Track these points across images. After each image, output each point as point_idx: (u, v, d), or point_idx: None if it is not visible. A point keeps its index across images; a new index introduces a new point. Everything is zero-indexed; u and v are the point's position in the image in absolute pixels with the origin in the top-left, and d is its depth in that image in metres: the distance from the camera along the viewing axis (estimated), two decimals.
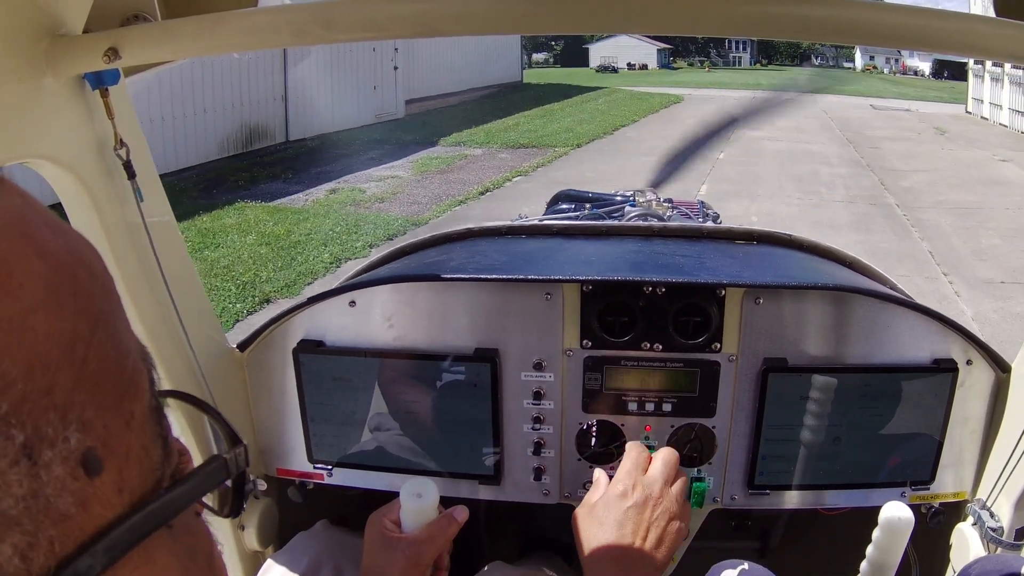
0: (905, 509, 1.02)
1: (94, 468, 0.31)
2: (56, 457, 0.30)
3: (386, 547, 0.99)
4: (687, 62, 68.57)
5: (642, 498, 1.00)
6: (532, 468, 1.26)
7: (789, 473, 1.22)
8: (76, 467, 0.31)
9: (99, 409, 0.32)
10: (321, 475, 1.31)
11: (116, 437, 0.33)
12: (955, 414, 1.19)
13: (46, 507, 0.29)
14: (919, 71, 60.40)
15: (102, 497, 0.32)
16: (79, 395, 0.31)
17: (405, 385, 1.24)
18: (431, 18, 0.77)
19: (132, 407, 0.34)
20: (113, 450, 0.33)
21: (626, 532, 0.98)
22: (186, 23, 0.85)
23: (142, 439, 0.35)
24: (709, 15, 0.73)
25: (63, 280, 0.31)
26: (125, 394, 0.34)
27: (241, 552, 1.33)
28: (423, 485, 1.01)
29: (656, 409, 1.22)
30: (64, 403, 0.30)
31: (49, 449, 0.29)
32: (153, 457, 0.36)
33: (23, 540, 0.29)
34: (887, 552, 1.04)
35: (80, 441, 0.31)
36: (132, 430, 0.34)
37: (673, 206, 2.16)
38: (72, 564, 0.30)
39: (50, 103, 0.86)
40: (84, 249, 0.34)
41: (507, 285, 1.19)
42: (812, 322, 1.17)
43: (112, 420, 0.33)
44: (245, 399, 1.30)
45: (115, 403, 0.33)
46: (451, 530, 1.00)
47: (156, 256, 1.04)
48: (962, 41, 0.73)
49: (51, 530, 0.30)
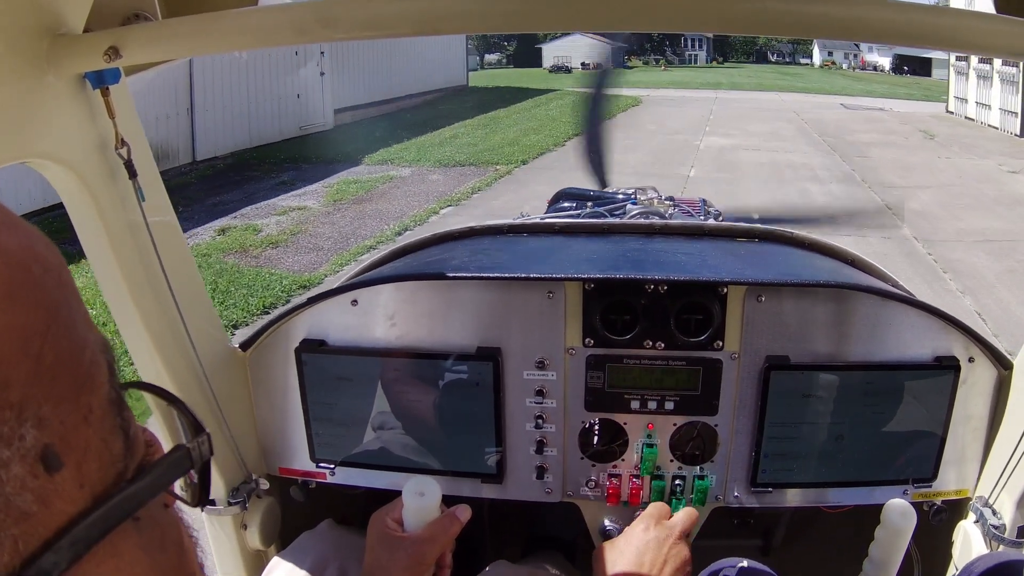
0: (908, 507, 1.02)
1: (53, 464, 0.31)
2: (14, 456, 0.30)
3: (389, 546, 0.99)
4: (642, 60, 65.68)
5: (663, 535, 1.09)
6: (534, 467, 1.26)
7: (791, 471, 1.22)
8: (35, 464, 0.30)
9: (56, 404, 0.32)
10: (323, 474, 1.31)
11: (74, 432, 0.33)
12: (957, 411, 1.19)
13: (6, 506, 0.29)
14: (879, 66, 57.88)
15: (63, 493, 0.32)
16: (35, 390, 0.31)
17: (407, 384, 1.24)
18: (432, 16, 0.77)
19: (90, 400, 0.34)
20: (72, 445, 0.32)
21: (645, 560, 1.05)
22: (186, 22, 0.85)
23: (101, 432, 0.34)
24: (709, 12, 0.73)
25: (16, 275, 0.31)
26: (83, 387, 0.34)
27: (244, 551, 1.33)
28: (426, 484, 1.01)
29: (658, 407, 1.22)
30: (20, 400, 0.30)
31: (6, 448, 0.29)
32: (114, 450, 0.35)
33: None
34: (889, 550, 1.04)
35: (37, 438, 0.30)
36: (90, 424, 0.34)
37: (675, 204, 2.16)
38: (36, 562, 0.30)
39: (51, 102, 0.86)
40: (37, 243, 0.34)
41: (509, 284, 1.19)
42: (814, 320, 1.17)
43: (70, 415, 0.32)
44: (247, 399, 1.30)
45: (72, 397, 0.33)
46: (453, 529, 1.00)
47: (158, 255, 1.04)
48: (962, 38, 0.73)
49: (13, 529, 0.30)
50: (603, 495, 1.26)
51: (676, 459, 1.25)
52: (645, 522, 1.12)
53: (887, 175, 11.34)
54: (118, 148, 0.95)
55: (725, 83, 35.52)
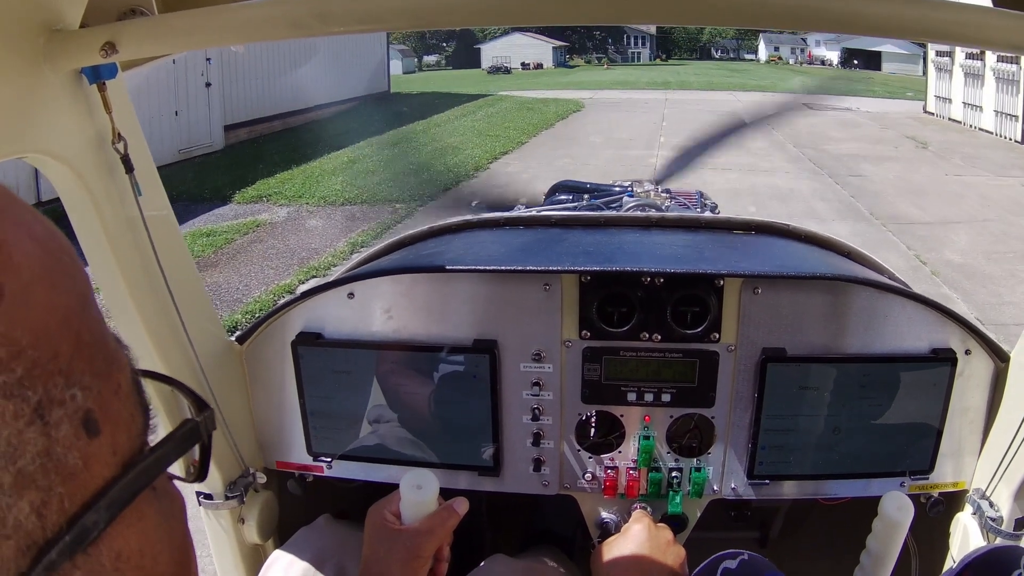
0: (905, 499, 1.03)
1: (93, 429, 0.34)
2: (64, 417, 0.33)
3: (386, 539, 0.99)
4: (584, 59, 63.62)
5: (662, 534, 1.13)
6: (531, 459, 1.27)
7: (788, 463, 1.23)
8: (79, 428, 0.33)
9: (94, 376, 0.35)
10: (320, 468, 1.31)
11: (108, 403, 0.36)
12: (954, 404, 1.19)
13: (57, 464, 0.32)
14: (827, 60, 55.95)
15: (100, 457, 0.35)
16: (77, 363, 0.34)
17: (404, 377, 1.25)
18: (428, 10, 0.78)
19: (119, 378, 0.37)
20: (107, 414, 0.35)
21: (645, 559, 1.09)
22: (182, 17, 0.85)
23: (128, 406, 0.38)
24: (705, 5, 0.74)
25: (53, 262, 0.34)
26: (112, 365, 0.37)
27: (241, 545, 1.34)
28: (423, 477, 1.01)
29: (655, 399, 1.22)
30: (67, 368, 0.33)
31: (58, 408, 0.32)
32: (138, 423, 0.39)
33: (39, 497, 0.31)
34: (887, 542, 1.04)
35: (82, 402, 0.34)
36: (120, 398, 0.37)
37: (671, 196, 2.17)
38: (80, 520, 0.33)
39: (48, 98, 0.86)
40: (61, 237, 0.37)
41: (506, 276, 1.19)
42: (811, 312, 1.17)
43: (104, 387, 0.36)
44: (244, 392, 1.30)
45: (106, 372, 0.36)
46: (451, 522, 1.01)
47: (155, 250, 1.04)
48: (960, 31, 0.73)
49: (60, 487, 0.32)
50: (600, 487, 1.27)
51: (673, 451, 1.25)
52: (643, 521, 1.14)
53: (898, 204, 8.91)
54: (115, 143, 0.95)
55: (674, 82, 33.46)
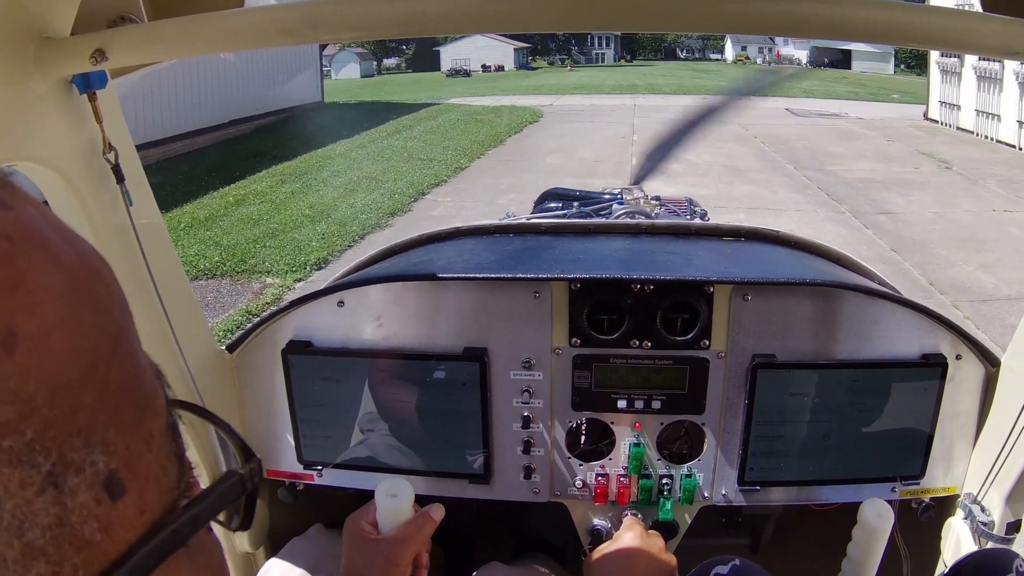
0: (885, 506, 1.03)
1: (117, 491, 0.30)
2: (81, 483, 0.29)
3: (364, 548, 0.99)
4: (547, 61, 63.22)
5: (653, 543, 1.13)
6: (522, 467, 1.27)
7: (779, 469, 1.23)
8: (100, 491, 0.30)
9: (120, 430, 0.31)
10: (311, 476, 1.30)
11: (137, 458, 0.32)
12: (945, 409, 1.20)
13: (71, 535, 0.28)
14: (795, 59, 55.44)
15: (124, 520, 0.31)
16: (102, 416, 0.30)
17: (394, 385, 1.24)
18: (420, 18, 0.78)
19: (151, 426, 0.33)
20: (135, 472, 0.31)
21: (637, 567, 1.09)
22: (172, 24, 0.85)
23: (160, 458, 0.34)
24: (695, 12, 0.74)
25: (81, 296, 0.30)
26: (145, 413, 0.33)
27: (232, 554, 1.33)
28: (398, 485, 1.01)
29: (646, 406, 1.22)
30: (88, 426, 0.29)
31: (75, 475, 0.28)
32: (170, 476, 0.35)
33: (48, 570, 0.28)
34: (867, 549, 1.05)
35: (104, 464, 0.30)
36: (151, 450, 0.33)
37: (661, 203, 2.18)
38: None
39: (39, 106, 0.86)
40: (96, 260, 0.32)
41: (495, 284, 1.19)
42: (800, 318, 1.18)
43: (133, 441, 0.32)
44: (235, 400, 1.29)
45: (136, 423, 0.32)
46: (427, 529, 1.01)
47: (145, 259, 1.04)
48: (949, 36, 0.73)
49: (75, 558, 0.29)
50: (591, 495, 1.27)
51: (664, 458, 1.25)
52: (635, 529, 1.15)
53: (955, 261, 6.64)
54: (105, 153, 0.95)
55: (641, 85, 31.31)
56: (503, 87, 31.52)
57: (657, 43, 70.44)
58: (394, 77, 48.71)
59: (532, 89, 29.48)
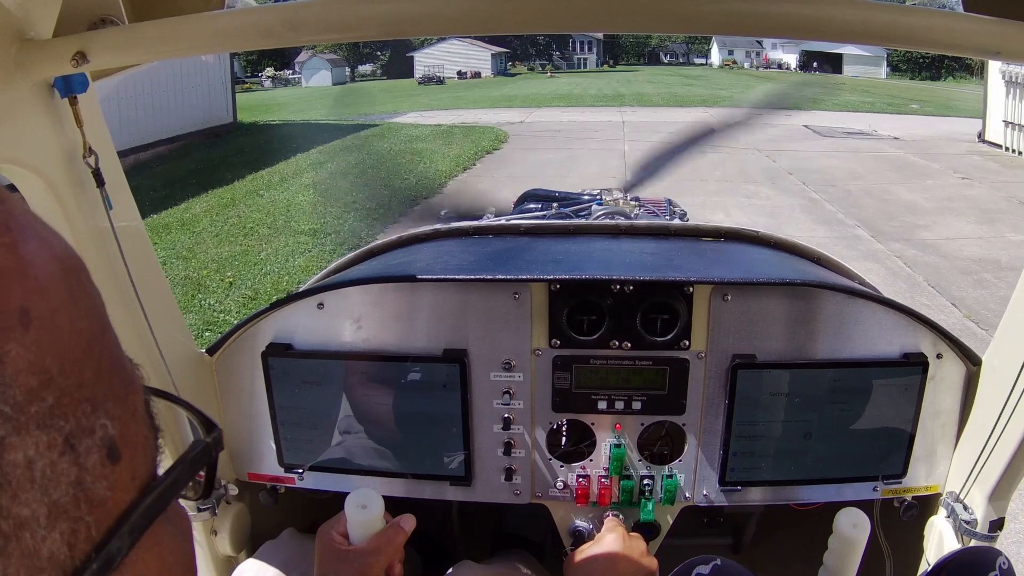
0: (861, 516, 1.04)
1: (115, 455, 0.34)
2: (92, 446, 0.32)
3: (335, 560, 0.99)
4: (527, 67, 60.18)
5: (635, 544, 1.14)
6: (503, 468, 1.26)
7: (760, 469, 1.23)
8: (104, 455, 0.33)
9: (115, 402, 0.34)
10: (292, 479, 1.30)
11: (127, 427, 0.35)
12: (926, 408, 1.20)
13: (87, 494, 0.32)
14: (784, 64, 53.56)
15: (122, 483, 0.34)
16: (100, 388, 0.33)
17: (374, 387, 1.24)
18: (400, 19, 0.78)
19: (135, 400, 0.37)
20: (127, 439, 0.35)
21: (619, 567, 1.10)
22: (153, 26, 0.85)
23: (143, 430, 0.37)
24: (678, 12, 0.74)
25: (74, 282, 0.33)
26: (129, 388, 0.36)
27: (214, 557, 1.32)
28: (367, 496, 1.02)
29: (626, 407, 1.23)
30: (91, 396, 0.33)
31: (88, 438, 0.32)
32: (152, 446, 0.38)
33: (69, 528, 0.31)
34: (843, 559, 1.05)
35: (106, 430, 0.33)
36: (136, 421, 0.36)
37: (640, 204, 2.19)
38: (105, 548, 0.32)
39: (20, 108, 0.86)
40: (76, 255, 0.36)
41: (475, 285, 1.20)
42: (781, 318, 1.18)
43: (123, 412, 0.35)
44: (215, 404, 1.29)
45: (124, 396, 0.35)
46: (398, 539, 1.01)
47: (125, 263, 1.04)
48: (931, 37, 0.74)
49: (88, 516, 0.32)
50: (572, 496, 1.27)
51: (644, 459, 1.25)
52: (616, 531, 1.15)
53: None
54: (86, 156, 0.95)
55: (628, 95, 27.85)
56: (471, 98, 28.88)
57: (640, 47, 69.08)
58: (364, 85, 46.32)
59: (504, 101, 26.41)
